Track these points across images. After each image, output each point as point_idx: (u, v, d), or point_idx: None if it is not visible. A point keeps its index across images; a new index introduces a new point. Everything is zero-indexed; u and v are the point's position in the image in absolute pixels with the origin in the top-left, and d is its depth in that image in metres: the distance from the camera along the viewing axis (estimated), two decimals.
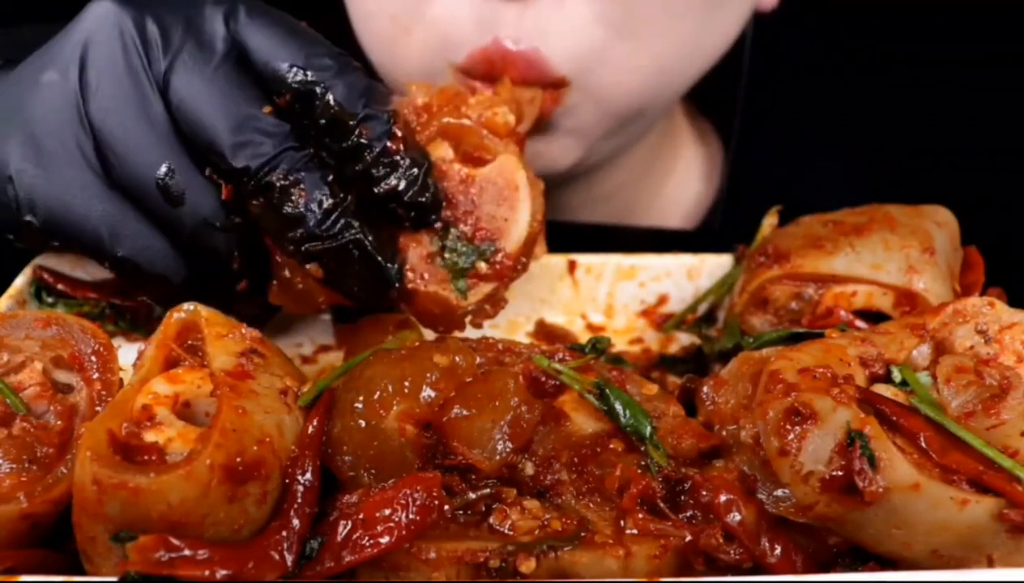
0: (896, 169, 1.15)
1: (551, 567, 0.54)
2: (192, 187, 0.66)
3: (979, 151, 1.16)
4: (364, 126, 0.65)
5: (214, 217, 0.66)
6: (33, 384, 0.60)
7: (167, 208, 0.66)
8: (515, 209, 0.70)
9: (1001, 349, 0.60)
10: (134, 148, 0.65)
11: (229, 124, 0.64)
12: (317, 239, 0.65)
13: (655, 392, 0.63)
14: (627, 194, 1.07)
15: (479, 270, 0.69)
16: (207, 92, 0.64)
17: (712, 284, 0.83)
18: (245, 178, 0.64)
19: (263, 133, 0.64)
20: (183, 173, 0.65)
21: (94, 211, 0.66)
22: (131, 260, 0.67)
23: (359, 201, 0.66)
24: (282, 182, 0.64)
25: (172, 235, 0.67)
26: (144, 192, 0.66)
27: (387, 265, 0.67)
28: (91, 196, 0.66)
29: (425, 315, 0.70)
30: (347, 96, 0.65)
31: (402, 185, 0.66)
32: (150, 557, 0.49)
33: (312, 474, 0.55)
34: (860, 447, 0.53)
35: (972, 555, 0.54)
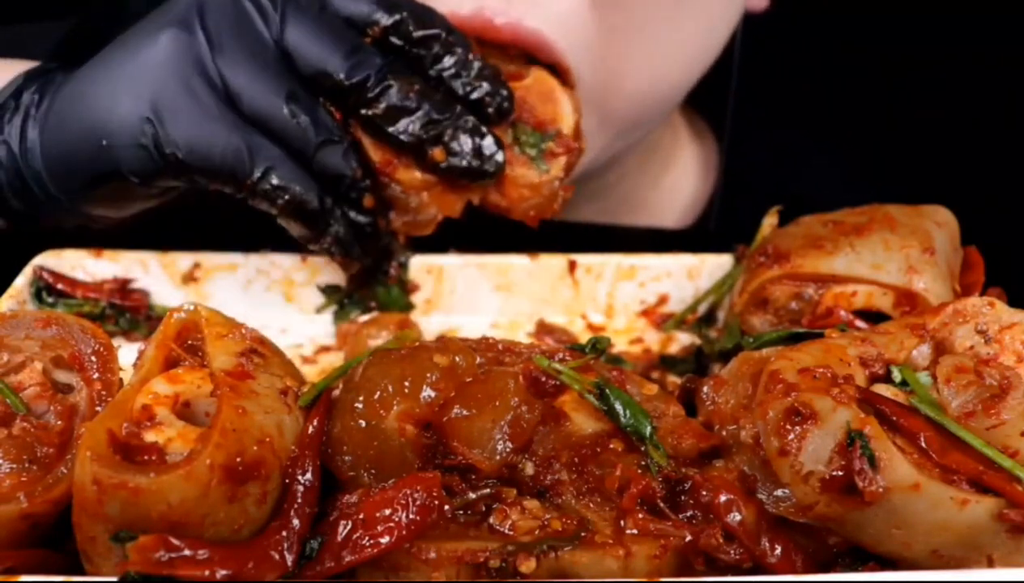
0: (894, 169, 1.14)
1: (551, 567, 0.54)
2: (312, 109, 0.73)
3: (979, 151, 1.16)
4: (451, 36, 0.76)
5: (334, 134, 0.74)
6: (33, 384, 0.60)
7: (294, 127, 0.73)
8: (558, 102, 0.82)
9: (1001, 349, 0.60)
10: (258, 82, 0.72)
11: (342, 53, 0.73)
12: (435, 122, 0.74)
13: (655, 392, 0.63)
14: (623, 191, 1.07)
15: (551, 149, 0.80)
16: (317, 33, 0.73)
17: (712, 284, 0.83)
18: (366, 85, 0.73)
19: (371, 52, 0.74)
20: (303, 97, 0.73)
21: (232, 137, 0.72)
22: (268, 178, 0.73)
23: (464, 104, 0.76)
24: (398, 82, 0.74)
25: (300, 155, 0.74)
26: (272, 118, 0.73)
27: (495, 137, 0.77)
28: (226, 126, 0.72)
29: (517, 199, 0.79)
30: (427, 17, 0.76)
31: (487, 79, 0.77)
32: (150, 557, 0.49)
33: (312, 474, 0.55)
34: (860, 447, 0.52)
35: (972, 555, 0.54)
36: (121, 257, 0.83)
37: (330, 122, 0.74)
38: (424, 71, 0.76)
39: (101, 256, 0.82)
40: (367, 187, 0.76)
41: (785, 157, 1.15)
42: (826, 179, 1.14)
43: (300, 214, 0.75)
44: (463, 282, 0.85)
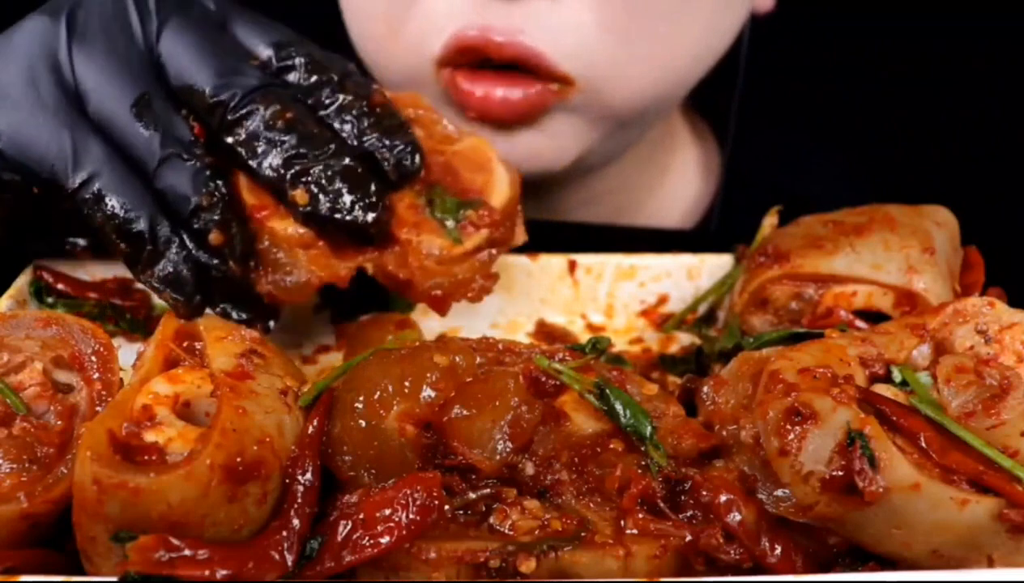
0: (896, 169, 1.15)
1: (551, 567, 0.54)
2: (165, 119, 0.65)
3: (979, 151, 1.16)
4: (348, 81, 0.68)
5: (184, 150, 0.65)
6: (33, 384, 0.60)
7: (137, 136, 0.65)
8: (493, 173, 0.72)
9: (1001, 349, 0.60)
10: (111, 79, 0.65)
11: (216, 69, 0.66)
12: (302, 157, 0.65)
13: (655, 392, 0.63)
14: (624, 194, 1.07)
15: (469, 218, 0.69)
16: (197, 45, 0.66)
17: (712, 284, 0.83)
18: (229, 104, 0.65)
19: (248, 74, 0.66)
20: (158, 105, 0.65)
21: (59, 135, 0.65)
22: (91, 183, 0.64)
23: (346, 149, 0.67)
24: (266, 107, 0.65)
25: (139, 167, 0.65)
26: (116, 120, 0.65)
27: (375, 186, 0.66)
28: (60, 122, 0.65)
29: (420, 272, 0.68)
30: (330, 61, 0.69)
31: (385, 128, 0.67)
32: (150, 557, 0.49)
33: (312, 474, 0.55)
34: (860, 447, 0.53)
35: (972, 555, 0.54)
36: None
37: (186, 137, 0.65)
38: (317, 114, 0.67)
39: (101, 256, 0.82)
40: (219, 221, 0.65)
41: (787, 158, 1.15)
42: (828, 180, 1.14)
43: (123, 234, 0.65)
44: None
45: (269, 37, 0.69)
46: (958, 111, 1.18)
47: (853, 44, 1.21)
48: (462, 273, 0.68)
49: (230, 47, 0.68)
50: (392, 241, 0.67)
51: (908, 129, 1.17)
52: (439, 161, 0.71)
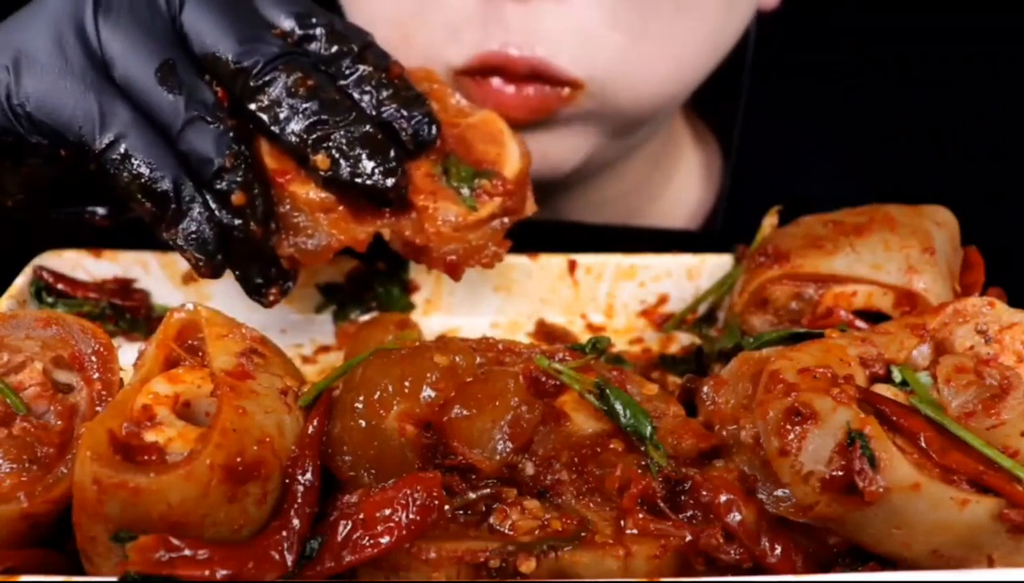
0: (896, 169, 1.15)
1: (551, 567, 0.54)
2: (189, 83, 0.66)
3: (979, 151, 1.16)
4: (368, 52, 0.70)
5: (207, 112, 0.66)
6: (33, 384, 0.60)
7: (162, 99, 0.66)
8: (504, 145, 0.74)
9: (1001, 349, 0.60)
10: (136, 45, 0.67)
11: (239, 37, 0.67)
12: (324, 123, 0.67)
13: (655, 392, 0.63)
14: (628, 199, 1.07)
15: (483, 186, 0.71)
16: (220, 14, 0.68)
17: (712, 284, 0.83)
18: (252, 71, 0.67)
19: (270, 43, 0.68)
20: (182, 70, 0.67)
21: (86, 97, 0.66)
22: (115, 147, 0.65)
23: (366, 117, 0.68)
24: (288, 75, 0.67)
25: (166, 131, 0.66)
26: (141, 84, 0.66)
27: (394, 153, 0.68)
28: (86, 86, 0.66)
29: (436, 238, 0.69)
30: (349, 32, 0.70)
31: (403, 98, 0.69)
32: (150, 557, 0.49)
33: (312, 474, 0.55)
34: (860, 447, 0.53)
35: (972, 555, 0.54)
36: (121, 257, 0.83)
37: (209, 101, 0.66)
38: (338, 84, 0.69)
39: (101, 256, 0.82)
40: (241, 182, 0.66)
41: (791, 159, 1.15)
42: (830, 180, 1.14)
43: (148, 193, 0.65)
44: (463, 282, 0.84)
45: (291, 7, 0.70)
46: (959, 111, 1.18)
47: (856, 45, 1.21)
48: (476, 239, 0.70)
49: (252, 16, 0.69)
50: (409, 207, 0.69)
51: (909, 129, 1.17)
52: (453, 133, 0.72)
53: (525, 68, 0.84)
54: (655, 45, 0.87)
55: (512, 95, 0.85)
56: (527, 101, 0.86)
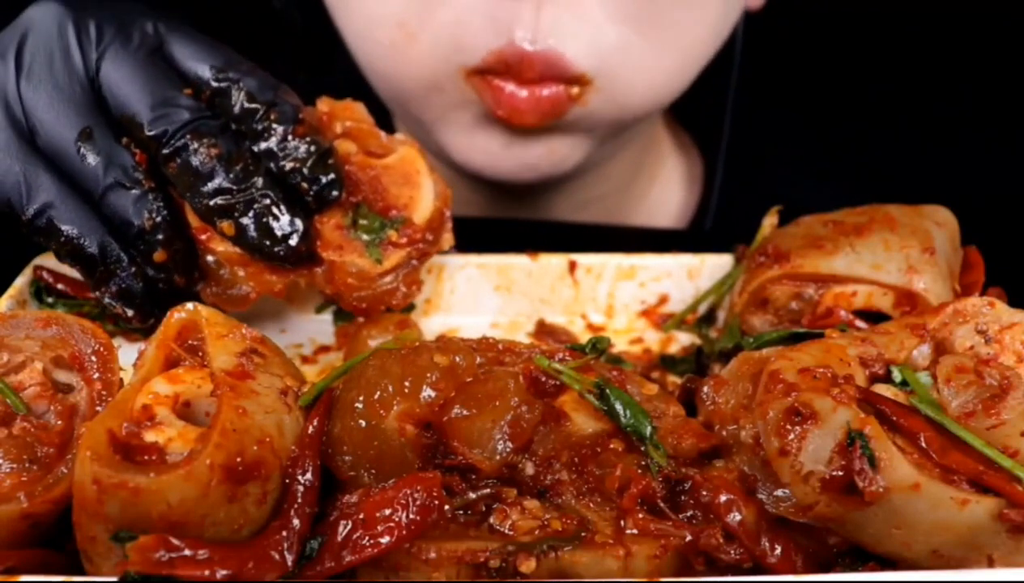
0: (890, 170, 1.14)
1: (551, 567, 0.54)
2: (107, 149, 0.70)
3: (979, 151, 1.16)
4: (274, 111, 0.72)
5: (126, 178, 0.69)
6: (33, 384, 0.60)
7: (83, 166, 0.69)
8: (419, 186, 0.77)
9: (1001, 349, 0.60)
10: (57, 113, 0.70)
11: (151, 101, 0.70)
12: (228, 192, 0.70)
13: (655, 392, 0.63)
14: (612, 201, 1.08)
15: (391, 238, 0.74)
16: (133, 75, 0.70)
17: (712, 284, 0.83)
18: (163, 140, 0.69)
19: (181, 106, 0.70)
20: (100, 136, 0.70)
21: (13, 168, 0.69)
22: (44, 214, 0.69)
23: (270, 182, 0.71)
24: (197, 143, 0.69)
25: (87, 194, 0.70)
26: (63, 152, 0.70)
27: (294, 219, 0.71)
28: (11, 156, 0.70)
29: (345, 288, 0.74)
30: (259, 87, 0.72)
31: (307, 161, 0.72)
32: (150, 557, 0.49)
33: (312, 474, 0.55)
34: (860, 447, 0.53)
35: (972, 555, 0.54)
36: None
37: (128, 164, 0.70)
38: (245, 144, 0.71)
39: None
40: (161, 240, 0.70)
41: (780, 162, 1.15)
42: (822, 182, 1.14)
43: (76, 258, 0.70)
44: (463, 282, 0.85)
45: (206, 60, 0.72)
46: (956, 111, 1.18)
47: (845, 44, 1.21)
48: (384, 286, 0.75)
49: (165, 77, 0.71)
50: (319, 261, 0.73)
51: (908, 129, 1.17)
52: (369, 175, 0.76)
53: (541, 63, 0.84)
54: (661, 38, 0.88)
55: (525, 98, 0.86)
56: (539, 104, 0.86)
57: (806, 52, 1.20)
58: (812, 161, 1.16)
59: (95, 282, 0.71)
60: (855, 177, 1.13)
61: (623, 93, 0.88)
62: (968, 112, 1.18)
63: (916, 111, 1.18)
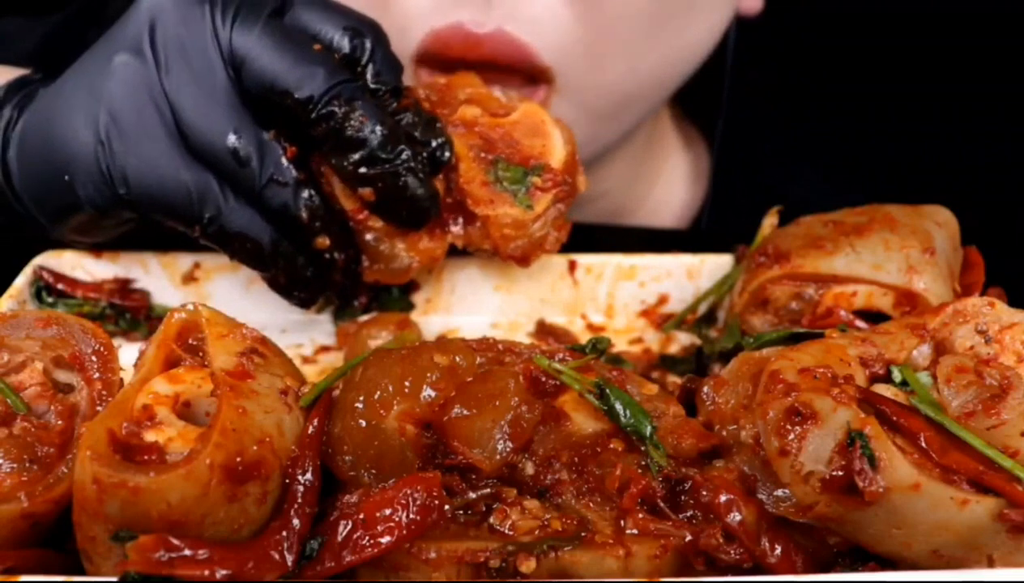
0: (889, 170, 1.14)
1: (551, 567, 0.54)
2: (259, 147, 0.71)
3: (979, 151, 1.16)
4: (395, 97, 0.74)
5: (279, 174, 0.71)
6: (33, 384, 0.60)
7: (238, 168, 0.70)
8: (548, 136, 0.79)
9: (1001, 349, 0.60)
10: (205, 117, 0.70)
11: (288, 63, 0.70)
12: (376, 162, 0.71)
13: (655, 392, 0.63)
14: (615, 197, 1.07)
15: (535, 184, 0.77)
16: (269, 44, 0.70)
17: (712, 284, 0.83)
18: (309, 107, 0.70)
19: (319, 64, 0.70)
20: (249, 134, 0.70)
21: (180, 178, 0.70)
22: (216, 222, 0.71)
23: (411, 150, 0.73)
24: (343, 109, 0.70)
25: (248, 196, 0.71)
26: (218, 157, 0.70)
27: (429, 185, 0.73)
28: (176, 165, 0.70)
29: (501, 240, 0.76)
30: (387, 67, 0.74)
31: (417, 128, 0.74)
32: (150, 557, 0.49)
33: (312, 474, 0.55)
34: (860, 447, 0.53)
35: (972, 555, 0.54)
36: (121, 257, 0.83)
37: (279, 159, 0.71)
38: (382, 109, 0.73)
39: (101, 256, 0.82)
40: (320, 228, 0.73)
41: (777, 162, 1.15)
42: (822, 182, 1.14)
43: (251, 257, 0.73)
44: (463, 282, 0.85)
45: (335, 22, 0.73)
46: (956, 110, 1.18)
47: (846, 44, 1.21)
48: (537, 231, 0.77)
49: (299, 40, 0.71)
50: (473, 218, 0.76)
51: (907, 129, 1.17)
52: (499, 133, 0.78)
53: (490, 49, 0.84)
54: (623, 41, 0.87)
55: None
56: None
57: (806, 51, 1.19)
58: (812, 161, 1.16)
59: (268, 277, 0.75)
60: (855, 177, 1.13)
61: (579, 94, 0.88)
62: (968, 112, 1.18)
63: (916, 111, 1.18)
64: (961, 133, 1.16)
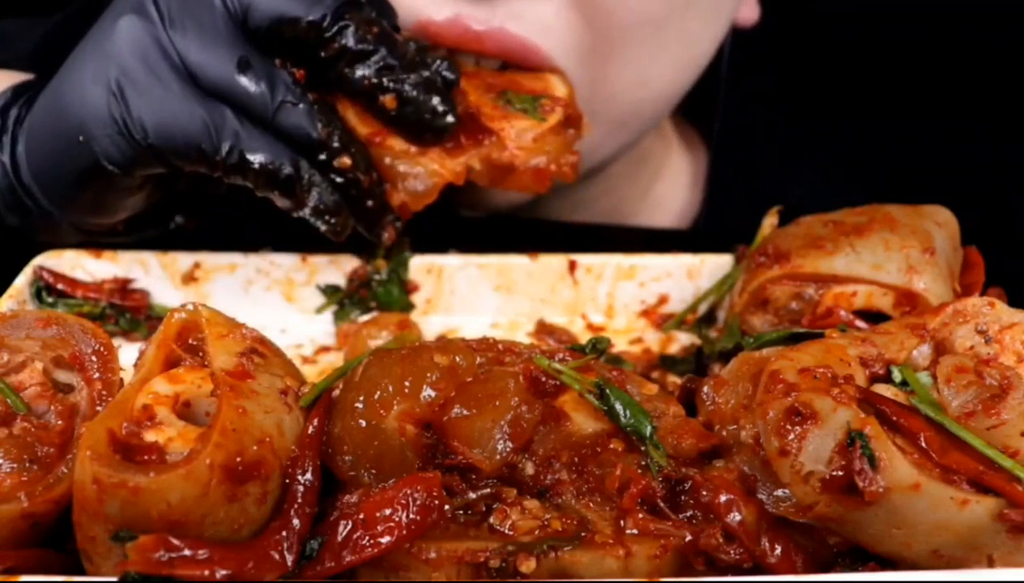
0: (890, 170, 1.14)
1: (551, 567, 0.54)
2: (267, 73, 0.72)
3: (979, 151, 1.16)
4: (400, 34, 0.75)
5: (291, 96, 0.72)
6: (34, 384, 0.60)
7: (249, 95, 0.71)
8: (546, 78, 0.83)
9: (1001, 349, 0.60)
10: (210, 52, 0.71)
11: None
12: (391, 68, 0.73)
13: (655, 392, 0.63)
14: (614, 198, 1.07)
15: (543, 104, 0.80)
16: None
17: (712, 284, 0.83)
18: (323, 26, 0.71)
19: None
20: (257, 62, 0.72)
21: (196, 114, 0.71)
22: (236, 152, 0.71)
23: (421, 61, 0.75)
24: (355, 22, 0.72)
25: (263, 123, 0.72)
26: (229, 89, 0.71)
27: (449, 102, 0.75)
28: (190, 103, 0.71)
29: (520, 151, 0.78)
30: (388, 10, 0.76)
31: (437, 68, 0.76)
32: (150, 557, 0.49)
33: (312, 474, 0.55)
34: (860, 447, 0.53)
35: (972, 555, 0.54)
36: (121, 257, 0.83)
37: (289, 82, 0.72)
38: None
39: (101, 256, 0.82)
40: (339, 147, 0.73)
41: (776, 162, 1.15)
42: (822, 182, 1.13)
43: (275, 183, 0.72)
44: (463, 282, 0.85)
45: None
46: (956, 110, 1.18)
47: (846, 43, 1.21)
48: (554, 146, 0.79)
49: None
50: (488, 133, 0.77)
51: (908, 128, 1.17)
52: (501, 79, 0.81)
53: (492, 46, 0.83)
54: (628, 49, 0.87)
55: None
56: None
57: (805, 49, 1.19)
58: (812, 162, 1.15)
59: (296, 202, 0.73)
60: (855, 177, 1.13)
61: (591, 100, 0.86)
62: (968, 112, 1.18)
63: (916, 111, 1.18)
64: (961, 133, 1.16)
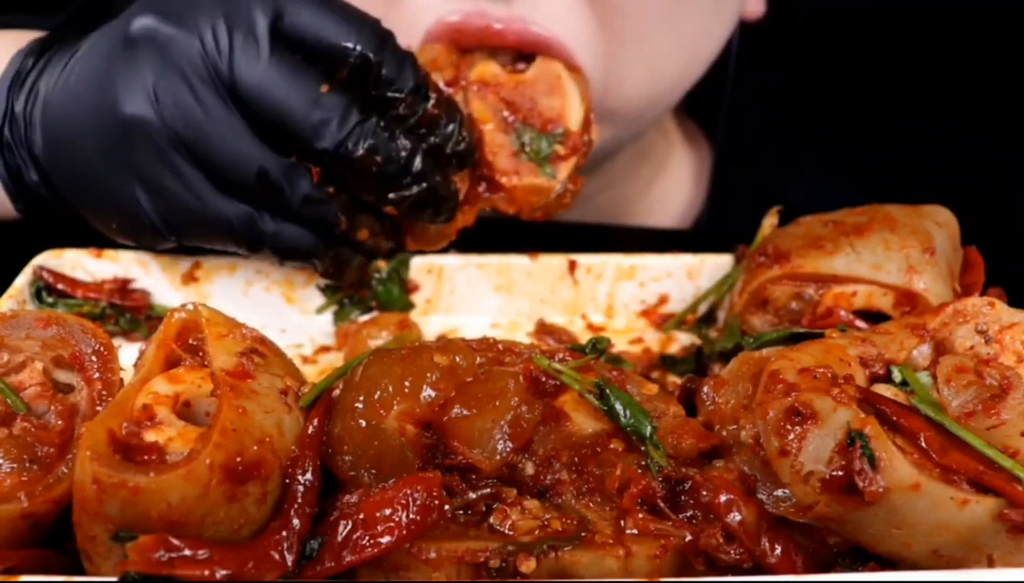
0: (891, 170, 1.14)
1: (551, 567, 0.54)
2: (284, 176, 0.73)
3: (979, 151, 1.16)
4: (410, 95, 0.74)
5: (312, 192, 0.75)
6: (34, 384, 0.60)
7: (272, 195, 0.74)
8: (565, 94, 0.83)
9: (1001, 349, 0.60)
10: (229, 159, 0.72)
11: (300, 110, 0.71)
12: (398, 189, 0.75)
13: (655, 392, 0.63)
14: (615, 194, 1.07)
15: (557, 152, 0.81)
16: (270, 82, 0.71)
17: (712, 284, 0.83)
18: (327, 158, 0.73)
19: (331, 110, 0.72)
20: (273, 168, 0.73)
21: (222, 217, 0.74)
22: (262, 243, 0.76)
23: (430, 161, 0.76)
24: (359, 154, 0.73)
25: (286, 216, 0.75)
26: (250, 191, 0.74)
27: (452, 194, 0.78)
28: (214, 205, 0.74)
29: (526, 206, 0.81)
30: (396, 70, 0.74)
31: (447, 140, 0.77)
32: (150, 557, 0.49)
33: (312, 474, 0.55)
34: (860, 447, 0.53)
35: (972, 555, 0.54)
36: (121, 257, 0.83)
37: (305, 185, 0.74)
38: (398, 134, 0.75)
39: (101, 256, 0.82)
40: (357, 226, 0.78)
41: (777, 162, 1.15)
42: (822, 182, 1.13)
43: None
44: (463, 282, 0.85)
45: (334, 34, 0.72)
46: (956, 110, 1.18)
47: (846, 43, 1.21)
48: (557, 195, 0.82)
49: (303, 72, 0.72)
50: (499, 188, 0.81)
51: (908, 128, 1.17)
52: (519, 93, 0.82)
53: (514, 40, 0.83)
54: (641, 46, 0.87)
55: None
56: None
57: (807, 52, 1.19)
58: (812, 161, 1.16)
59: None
60: (855, 177, 1.13)
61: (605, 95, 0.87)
62: (968, 112, 1.18)
63: (916, 111, 1.18)
64: (961, 133, 1.16)
